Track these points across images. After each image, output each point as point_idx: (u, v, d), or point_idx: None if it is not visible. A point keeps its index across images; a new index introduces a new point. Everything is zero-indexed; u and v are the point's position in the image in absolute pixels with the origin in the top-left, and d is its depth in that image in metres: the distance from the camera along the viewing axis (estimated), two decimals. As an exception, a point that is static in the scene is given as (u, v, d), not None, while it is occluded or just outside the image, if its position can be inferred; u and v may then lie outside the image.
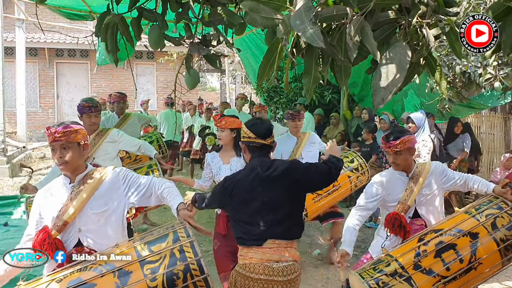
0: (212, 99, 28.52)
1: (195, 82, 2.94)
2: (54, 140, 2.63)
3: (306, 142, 5.57)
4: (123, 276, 2.39)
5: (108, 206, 2.71)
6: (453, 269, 3.00)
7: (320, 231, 6.89)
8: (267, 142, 3.09)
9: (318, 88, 10.55)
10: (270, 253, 2.85)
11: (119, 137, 4.82)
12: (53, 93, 19.17)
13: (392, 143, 3.38)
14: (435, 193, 3.48)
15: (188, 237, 2.51)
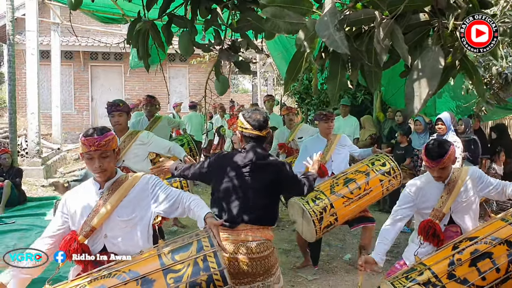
0: (243, 101, 28.57)
1: (225, 88, 2.94)
2: (95, 149, 2.64)
3: (336, 144, 5.51)
4: (146, 284, 2.38)
5: (135, 214, 2.72)
6: (489, 278, 2.90)
7: (352, 235, 6.80)
8: (262, 134, 3.24)
9: (350, 89, 10.44)
10: (242, 235, 3.10)
11: (148, 139, 4.85)
12: (88, 96, 19.53)
13: (439, 161, 3.24)
14: (471, 200, 3.37)
15: (212, 247, 2.49)
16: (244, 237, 3.10)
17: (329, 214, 4.85)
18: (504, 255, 2.96)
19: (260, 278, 3.14)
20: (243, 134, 3.27)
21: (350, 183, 5.05)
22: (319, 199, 4.88)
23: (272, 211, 3.30)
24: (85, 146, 2.65)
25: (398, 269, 3.46)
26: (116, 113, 4.71)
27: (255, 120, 3.21)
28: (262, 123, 3.22)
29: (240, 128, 3.29)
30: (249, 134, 3.23)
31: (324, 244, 6.10)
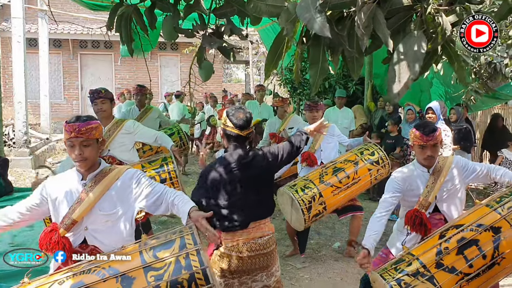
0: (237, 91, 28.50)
1: (208, 74, 2.90)
2: (75, 136, 2.58)
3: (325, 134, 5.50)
4: (126, 282, 2.34)
5: (117, 208, 2.67)
6: (476, 265, 2.90)
7: (341, 224, 6.82)
8: (243, 134, 3.20)
9: (341, 80, 10.44)
10: (253, 232, 3.15)
11: (134, 128, 4.78)
12: (77, 85, 19.37)
13: (432, 136, 3.27)
14: (456, 188, 3.37)
15: (195, 245, 2.44)
16: (254, 234, 3.16)
17: (318, 203, 4.86)
18: (489, 241, 2.96)
19: (267, 270, 3.22)
20: (225, 132, 3.25)
21: (339, 172, 5.05)
22: (308, 188, 4.89)
23: (271, 200, 3.36)
24: (66, 132, 2.60)
25: (383, 257, 3.46)
26: (99, 100, 4.64)
27: (238, 119, 3.18)
28: (244, 122, 3.19)
29: (223, 125, 3.27)
30: (230, 132, 3.21)
31: (313, 233, 6.11)
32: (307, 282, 4.91)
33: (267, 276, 3.23)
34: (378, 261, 3.43)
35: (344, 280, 4.97)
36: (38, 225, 4.63)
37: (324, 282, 4.90)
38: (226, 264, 3.10)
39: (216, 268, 3.16)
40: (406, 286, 2.85)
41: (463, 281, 2.87)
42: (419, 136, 3.30)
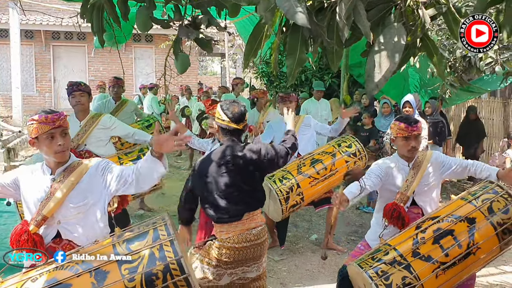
0: (212, 84, 28.40)
1: (184, 66, 2.86)
2: (57, 126, 2.56)
3: (300, 125, 5.51)
4: (99, 276, 2.31)
5: (87, 199, 2.64)
6: (452, 254, 2.95)
7: (318, 216, 6.85)
8: (239, 127, 3.24)
9: (317, 72, 10.46)
10: (247, 224, 3.19)
11: (111, 124, 4.72)
12: (50, 77, 19.00)
13: (416, 126, 3.32)
14: (434, 183, 3.42)
15: (168, 235, 2.42)
16: (248, 225, 3.20)
17: (296, 194, 4.88)
18: (465, 231, 3.02)
19: (259, 260, 3.30)
20: (220, 126, 3.27)
21: (316, 164, 5.08)
22: (286, 179, 4.91)
23: (263, 191, 3.43)
24: (46, 124, 2.54)
25: (361, 249, 3.48)
26: (78, 92, 4.56)
27: (233, 113, 3.19)
28: (240, 116, 3.20)
29: (218, 119, 3.27)
30: (226, 126, 3.22)
31: (291, 225, 6.13)
32: (285, 274, 4.93)
33: (257, 267, 3.30)
34: (356, 254, 3.44)
35: (321, 272, 5.00)
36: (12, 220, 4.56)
37: (301, 274, 4.92)
38: (221, 255, 3.14)
39: (211, 258, 3.18)
40: (383, 274, 2.89)
41: (439, 269, 2.92)
42: (404, 127, 3.32)
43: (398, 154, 3.49)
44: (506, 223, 3.07)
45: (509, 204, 3.12)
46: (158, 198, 7.85)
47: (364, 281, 2.97)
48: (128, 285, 2.29)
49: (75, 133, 4.57)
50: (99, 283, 2.29)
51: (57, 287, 2.28)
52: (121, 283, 2.29)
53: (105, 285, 2.29)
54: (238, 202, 3.17)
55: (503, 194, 3.17)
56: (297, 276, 4.88)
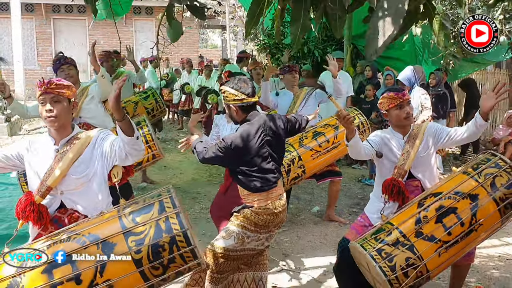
0: (213, 56, 28.21)
1: (177, 34, 2.82)
2: (45, 91, 2.55)
3: (303, 98, 5.47)
4: (106, 248, 2.33)
5: (88, 169, 2.65)
6: (455, 233, 2.96)
7: (320, 189, 6.88)
8: (256, 99, 3.29)
9: (320, 44, 10.35)
10: (278, 190, 3.31)
11: (97, 90, 4.70)
12: (51, 51, 18.89)
13: (404, 92, 3.33)
14: (430, 153, 3.40)
15: (174, 208, 2.44)
16: (280, 191, 3.33)
17: (297, 167, 4.90)
18: (467, 209, 3.01)
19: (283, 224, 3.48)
20: (240, 106, 3.24)
21: (318, 136, 5.08)
22: (287, 152, 4.91)
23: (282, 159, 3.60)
24: (38, 89, 2.57)
25: (361, 222, 3.48)
26: (65, 66, 4.53)
27: (246, 88, 3.20)
28: (252, 89, 3.24)
29: (234, 101, 3.22)
30: (246, 103, 3.22)
31: (293, 198, 6.16)
32: (287, 245, 4.97)
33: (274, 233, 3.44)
34: (356, 226, 3.45)
35: (323, 243, 5.04)
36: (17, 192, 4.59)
37: (303, 245, 4.96)
38: (261, 221, 3.23)
39: (249, 224, 3.25)
40: (387, 255, 2.90)
41: (442, 248, 2.93)
42: (394, 96, 3.29)
43: (392, 127, 3.47)
44: (508, 198, 3.06)
45: (511, 178, 3.10)
46: (160, 171, 7.89)
47: (367, 262, 2.99)
48: (135, 257, 2.32)
49: None
50: (106, 255, 2.32)
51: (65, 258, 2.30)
52: (128, 255, 2.32)
53: (112, 256, 2.31)
54: (274, 170, 3.28)
55: (506, 168, 3.14)
56: (299, 247, 4.93)
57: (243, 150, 3.16)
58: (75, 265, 2.29)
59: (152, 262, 2.34)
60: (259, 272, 3.47)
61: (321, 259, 4.60)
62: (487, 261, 4.58)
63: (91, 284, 2.28)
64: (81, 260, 2.30)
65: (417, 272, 2.89)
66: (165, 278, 2.40)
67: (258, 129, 3.20)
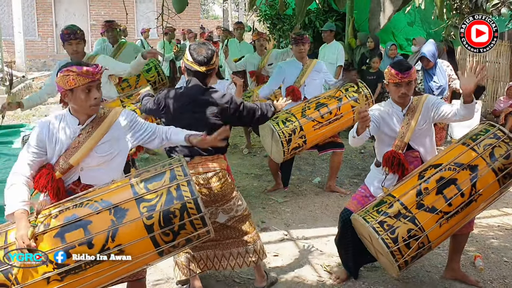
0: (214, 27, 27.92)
1: (183, 5, 2.82)
2: (93, 80, 2.55)
3: (312, 70, 5.47)
4: (119, 213, 2.38)
5: (113, 149, 2.69)
6: (455, 204, 3.02)
7: (322, 160, 6.94)
8: (201, 70, 3.20)
9: (322, 15, 10.27)
10: (196, 167, 3.19)
11: (105, 63, 4.68)
12: (52, 21, 18.75)
13: (408, 73, 3.28)
14: (427, 126, 3.44)
15: (185, 176, 2.48)
16: (197, 169, 3.19)
17: (298, 137, 4.97)
18: (467, 180, 3.06)
19: (219, 204, 3.29)
20: (185, 66, 3.28)
21: (321, 108, 5.11)
22: (290, 121, 4.99)
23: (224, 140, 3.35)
24: (85, 77, 2.52)
25: (361, 192, 3.53)
26: (75, 41, 4.56)
27: (199, 54, 3.18)
28: (204, 58, 3.18)
29: (184, 58, 3.28)
30: (189, 67, 3.23)
31: (294, 169, 6.22)
32: (288, 215, 5.05)
33: (224, 210, 3.33)
34: (357, 197, 3.51)
35: (324, 213, 5.11)
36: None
37: (305, 215, 5.04)
38: None
39: None
40: (389, 227, 2.97)
41: (442, 219, 3.00)
42: (394, 74, 3.31)
43: (392, 99, 3.49)
44: (507, 168, 3.10)
45: (510, 149, 3.13)
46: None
47: (369, 234, 3.06)
48: (147, 223, 2.37)
49: None
50: (118, 220, 2.37)
51: (78, 223, 2.35)
52: (140, 220, 2.37)
53: (124, 222, 2.36)
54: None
55: (505, 139, 3.17)
56: (300, 217, 5.01)
57: (165, 108, 3.22)
58: (87, 229, 2.34)
59: (163, 228, 2.39)
60: (242, 247, 3.41)
61: (322, 229, 4.68)
62: (487, 230, 4.66)
63: (103, 249, 2.34)
64: (93, 225, 2.35)
65: (418, 243, 2.97)
66: (175, 244, 2.45)
67: (187, 96, 3.20)
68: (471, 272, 3.78)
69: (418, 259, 3.13)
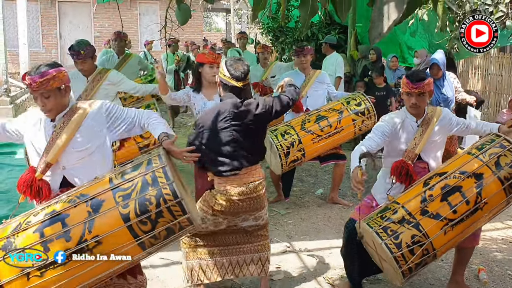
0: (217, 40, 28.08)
1: (186, 17, 2.84)
2: (33, 89, 2.54)
3: (314, 81, 5.47)
4: (95, 204, 2.38)
5: (91, 143, 2.67)
6: (460, 211, 2.99)
7: (324, 171, 6.93)
8: (238, 85, 3.27)
9: (324, 28, 10.32)
10: (244, 178, 3.27)
11: (118, 79, 4.77)
12: (56, 33, 18.90)
13: (419, 84, 3.25)
14: (441, 140, 3.45)
15: (161, 163, 2.46)
16: (246, 179, 3.27)
17: (297, 150, 4.96)
18: (472, 187, 3.04)
19: (257, 211, 3.39)
20: (221, 81, 3.32)
21: (321, 121, 5.09)
22: (288, 134, 4.98)
23: (263, 147, 3.50)
24: (28, 86, 2.57)
25: (367, 203, 3.51)
26: (79, 61, 4.62)
27: (236, 70, 3.25)
28: (241, 74, 3.26)
29: (220, 73, 3.33)
30: (226, 82, 3.28)
31: (296, 180, 6.21)
32: (291, 227, 5.02)
33: (255, 218, 3.41)
34: (363, 207, 3.49)
35: (326, 225, 5.09)
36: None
37: (307, 227, 5.01)
38: (217, 205, 3.24)
39: (208, 206, 3.29)
40: (393, 233, 2.94)
41: (447, 226, 2.96)
42: (406, 83, 3.31)
43: (406, 109, 3.46)
44: None
45: None
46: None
47: (373, 240, 3.03)
48: (123, 212, 2.34)
49: (83, 89, 4.63)
50: (94, 212, 2.35)
51: (56, 217, 2.36)
52: (116, 210, 2.35)
53: (100, 212, 2.35)
54: (238, 157, 3.24)
55: (510, 148, 3.15)
56: (303, 229, 4.98)
57: (205, 127, 3.22)
58: (65, 223, 2.34)
59: (140, 216, 2.35)
60: (257, 253, 3.50)
61: (325, 241, 4.65)
62: (490, 243, 4.63)
63: (80, 241, 2.32)
64: (70, 217, 2.35)
65: (423, 250, 2.93)
66: (155, 235, 2.40)
67: (226, 111, 3.22)
68: (475, 286, 3.75)
69: (422, 268, 3.08)
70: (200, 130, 3.24)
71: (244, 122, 3.25)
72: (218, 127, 3.21)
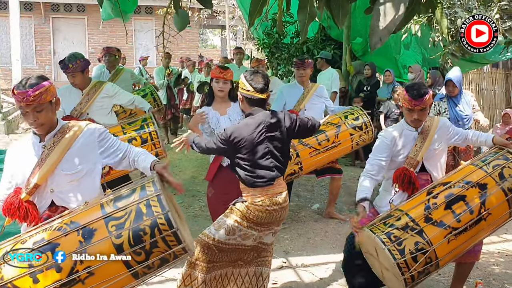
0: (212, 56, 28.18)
1: (184, 23, 2.83)
2: (25, 105, 2.43)
3: (313, 94, 5.46)
4: (87, 234, 2.29)
5: (81, 166, 2.59)
6: (464, 220, 2.96)
7: (320, 186, 6.89)
8: (263, 97, 3.31)
9: (319, 44, 10.38)
10: (276, 188, 3.28)
11: (114, 92, 4.74)
12: (50, 49, 18.88)
13: (421, 100, 3.22)
14: (442, 148, 3.43)
15: (155, 191, 2.37)
16: (277, 190, 3.30)
17: (294, 163, 4.93)
18: (476, 197, 3.03)
19: (281, 223, 3.45)
20: (245, 96, 3.32)
21: (319, 134, 5.06)
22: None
23: (289, 156, 3.64)
24: (16, 100, 2.46)
25: (370, 216, 3.47)
26: (69, 74, 4.57)
27: (258, 83, 3.27)
28: (264, 86, 3.29)
29: (242, 89, 3.33)
30: (251, 96, 3.29)
31: (293, 195, 6.16)
32: (287, 242, 4.98)
33: (274, 232, 3.44)
34: (365, 221, 3.44)
35: (323, 240, 5.05)
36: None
37: (304, 242, 4.97)
38: (254, 217, 3.22)
39: (242, 218, 3.25)
40: (396, 239, 2.89)
41: (451, 235, 2.93)
42: (407, 99, 3.27)
43: (405, 120, 3.44)
44: None
45: None
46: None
47: (376, 246, 2.98)
48: (116, 242, 2.27)
49: (78, 102, 4.58)
50: (86, 241, 2.27)
51: (45, 246, 2.27)
52: (109, 240, 2.27)
53: (92, 242, 2.27)
54: (273, 168, 3.26)
55: None
56: (299, 244, 4.93)
57: (241, 142, 3.20)
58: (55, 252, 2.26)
59: (134, 247, 2.27)
60: (260, 267, 3.47)
61: (322, 256, 4.61)
62: (487, 257, 4.59)
63: (72, 272, 2.24)
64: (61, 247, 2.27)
65: (426, 258, 2.87)
66: (149, 265, 2.33)
67: (260, 124, 3.23)
68: (474, 300, 3.70)
69: (425, 277, 3.01)
70: (233, 143, 3.21)
71: (277, 133, 3.29)
72: (255, 141, 3.21)
